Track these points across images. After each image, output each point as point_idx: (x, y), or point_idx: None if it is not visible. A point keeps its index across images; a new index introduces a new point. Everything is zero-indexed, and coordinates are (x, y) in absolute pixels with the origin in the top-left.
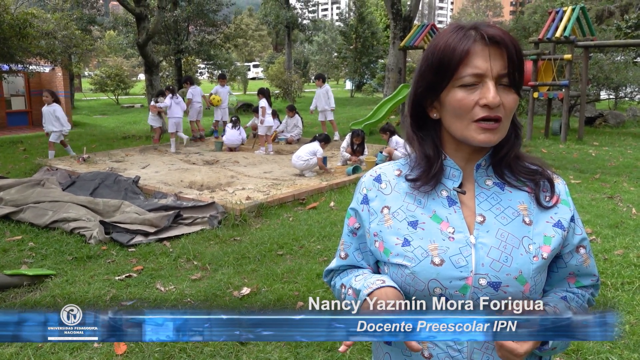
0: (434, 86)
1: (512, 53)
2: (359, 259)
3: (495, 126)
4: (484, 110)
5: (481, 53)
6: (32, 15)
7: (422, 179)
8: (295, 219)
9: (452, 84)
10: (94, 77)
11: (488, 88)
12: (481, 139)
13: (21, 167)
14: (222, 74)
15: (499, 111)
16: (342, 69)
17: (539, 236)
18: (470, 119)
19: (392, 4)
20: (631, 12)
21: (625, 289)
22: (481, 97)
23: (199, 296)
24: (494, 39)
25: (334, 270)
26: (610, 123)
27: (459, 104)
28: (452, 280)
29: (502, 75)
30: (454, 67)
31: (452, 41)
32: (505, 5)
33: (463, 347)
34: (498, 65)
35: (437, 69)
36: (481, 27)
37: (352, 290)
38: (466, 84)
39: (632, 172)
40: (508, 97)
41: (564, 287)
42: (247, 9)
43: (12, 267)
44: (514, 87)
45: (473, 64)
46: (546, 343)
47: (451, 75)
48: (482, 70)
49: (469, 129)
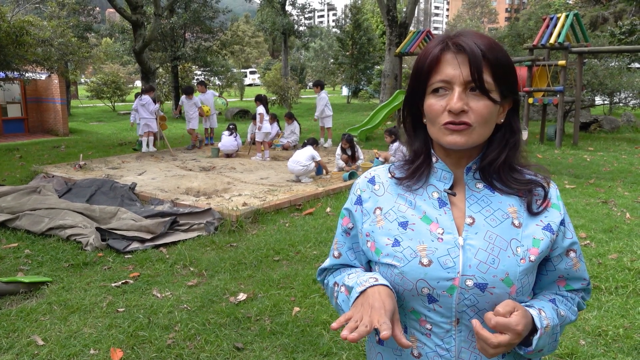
0: (416, 92)
1: (476, 60)
2: (352, 258)
3: (461, 128)
4: (450, 115)
5: (452, 61)
6: (28, 23)
7: (409, 175)
8: (292, 224)
9: (427, 90)
10: (91, 84)
11: (453, 95)
12: (449, 140)
13: (17, 174)
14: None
15: (464, 117)
16: (338, 75)
17: (527, 239)
18: (439, 123)
19: (387, 11)
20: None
21: (619, 293)
22: (447, 103)
23: (195, 302)
24: (460, 47)
25: (327, 269)
26: (605, 128)
27: (430, 109)
28: (440, 280)
29: (469, 82)
30: (425, 74)
31: (428, 50)
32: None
33: (451, 346)
34: (464, 72)
35: (416, 77)
36: (455, 36)
37: (345, 287)
38: (436, 90)
39: (626, 177)
40: (478, 103)
41: (553, 290)
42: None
43: (9, 275)
44: (485, 94)
45: (443, 72)
46: (529, 343)
47: (425, 82)
48: (449, 77)
49: (439, 132)
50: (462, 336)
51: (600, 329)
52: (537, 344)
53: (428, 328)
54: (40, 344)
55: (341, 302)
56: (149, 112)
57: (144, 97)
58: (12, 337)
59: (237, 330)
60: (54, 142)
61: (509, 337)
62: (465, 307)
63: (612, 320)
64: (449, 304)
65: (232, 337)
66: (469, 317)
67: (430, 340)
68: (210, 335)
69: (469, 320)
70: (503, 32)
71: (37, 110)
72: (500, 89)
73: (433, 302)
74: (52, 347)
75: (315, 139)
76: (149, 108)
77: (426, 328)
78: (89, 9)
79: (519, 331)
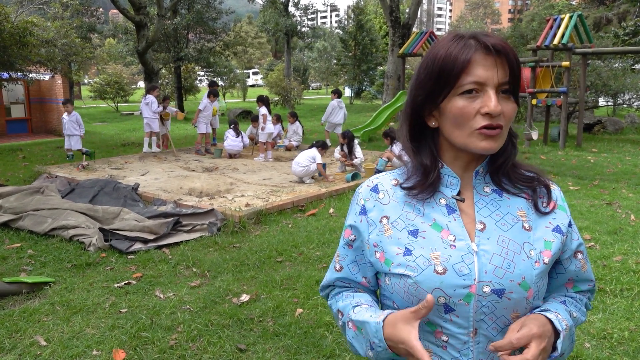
0: (434, 95)
1: (512, 62)
2: (354, 272)
3: (496, 133)
4: (486, 118)
5: (483, 62)
6: (32, 24)
7: (419, 187)
8: (295, 225)
9: (452, 92)
10: (94, 84)
11: (489, 97)
12: (483, 146)
13: (20, 174)
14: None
15: (499, 119)
16: (341, 76)
17: (539, 241)
18: (471, 127)
19: (390, 12)
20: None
21: (624, 296)
22: (482, 106)
23: (198, 303)
24: (495, 48)
25: (329, 286)
26: (608, 130)
27: (461, 112)
28: (456, 288)
29: (502, 84)
30: (455, 76)
31: (452, 50)
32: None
33: (469, 358)
34: (500, 74)
35: (438, 78)
36: (481, 37)
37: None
38: (467, 92)
39: (630, 179)
40: (508, 106)
41: (562, 292)
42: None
43: (11, 275)
44: (513, 96)
45: (474, 73)
46: (554, 349)
47: (452, 83)
48: (483, 79)
49: (470, 136)
50: (480, 347)
51: (605, 332)
52: (561, 347)
53: (444, 340)
54: (42, 344)
55: (351, 339)
56: (151, 112)
57: (148, 97)
58: (15, 337)
59: (239, 331)
60: (57, 142)
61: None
62: (483, 315)
63: (617, 322)
64: (467, 312)
65: (235, 338)
66: (487, 327)
67: (447, 352)
68: (213, 336)
69: (487, 330)
70: (506, 33)
71: (41, 110)
72: (515, 90)
73: (450, 311)
74: (54, 347)
75: (325, 142)
76: (152, 108)
77: (442, 340)
78: (92, 10)
79: (537, 333)
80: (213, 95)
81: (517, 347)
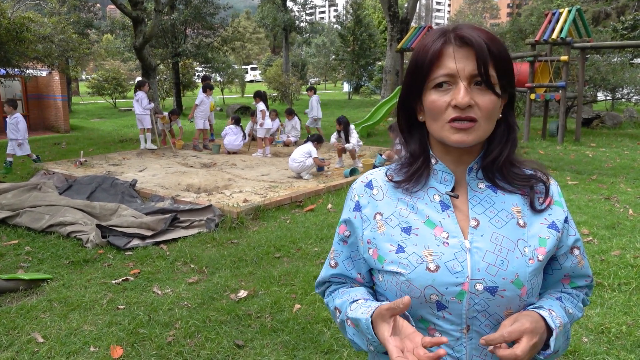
0: (413, 88)
1: (483, 53)
2: (349, 268)
3: (468, 126)
4: (456, 111)
5: (455, 54)
6: (29, 20)
7: (407, 177)
8: (293, 221)
9: (427, 86)
10: (92, 80)
11: (459, 89)
12: (455, 139)
13: (18, 171)
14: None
15: (471, 112)
16: (340, 71)
17: (534, 238)
18: (444, 120)
19: (389, 6)
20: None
21: (622, 290)
22: (452, 98)
23: (195, 299)
24: (463, 40)
25: (325, 283)
26: (607, 124)
27: (433, 105)
28: (449, 286)
29: (474, 76)
30: (426, 69)
31: (427, 44)
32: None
33: (462, 354)
34: (469, 66)
35: (414, 72)
36: (456, 29)
37: (351, 320)
38: (439, 85)
39: (629, 173)
40: (483, 98)
41: (558, 288)
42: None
43: (9, 272)
44: (490, 88)
45: (445, 65)
46: (547, 346)
47: (425, 76)
48: (452, 71)
49: (443, 129)
50: (473, 344)
51: (603, 326)
52: (555, 344)
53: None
54: (40, 341)
55: (352, 336)
56: (142, 108)
57: (138, 93)
58: (12, 334)
59: (237, 327)
60: (55, 138)
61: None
62: (475, 312)
63: (615, 317)
64: (459, 310)
65: (233, 334)
66: (480, 324)
67: (440, 349)
68: (210, 332)
69: (480, 327)
70: (505, 27)
71: (38, 107)
72: (501, 82)
73: (442, 309)
74: (52, 344)
75: (320, 136)
76: (142, 104)
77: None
78: (89, 5)
79: (529, 328)
80: (209, 89)
81: (508, 341)
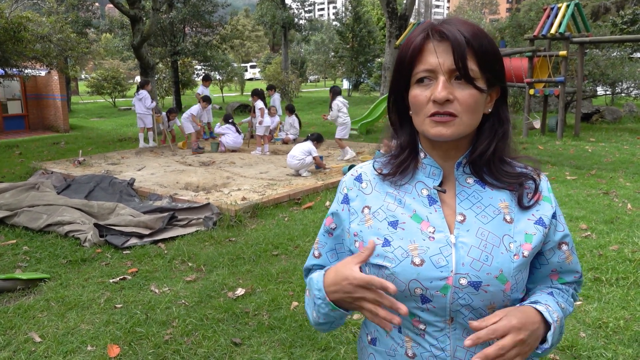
0: (399, 83)
1: (460, 47)
2: (332, 260)
3: (447, 119)
4: (435, 105)
5: (433, 49)
6: (26, 19)
7: (394, 169)
8: (291, 218)
9: (411, 81)
10: (91, 79)
11: (437, 84)
12: (433, 133)
13: (17, 171)
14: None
15: (450, 107)
16: (339, 68)
17: (519, 234)
18: (425, 114)
19: (387, 3)
20: (626, 8)
21: (620, 285)
22: (432, 93)
23: (193, 297)
24: (442, 34)
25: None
26: (606, 119)
27: (415, 100)
28: (433, 280)
29: (453, 70)
30: (409, 64)
31: (411, 39)
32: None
33: (446, 345)
34: (448, 61)
35: (398, 67)
36: (439, 24)
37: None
38: (420, 80)
39: (628, 168)
40: (463, 92)
41: (547, 283)
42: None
43: (6, 271)
44: (469, 82)
45: (426, 61)
46: (544, 340)
47: (408, 72)
48: (432, 66)
49: (424, 123)
50: (457, 334)
51: (600, 321)
52: (552, 340)
53: (422, 328)
54: (37, 340)
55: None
56: (144, 107)
57: (141, 92)
58: (9, 334)
59: (235, 325)
60: (54, 138)
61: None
62: (459, 306)
63: (613, 312)
64: (443, 303)
65: (230, 332)
66: (464, 317)
67: (425, 340)
68: (208, 330)
69: (464, 320)
70: (504, 22)
71: (38, 106)
72: (486, 76)
73: (426, 302)
74: (49, 343)
75: (320, 134)
76: (145, 103)
77: (419, 328)
78: (87, 5)
79: (516, 325)
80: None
81: (494, 338)
